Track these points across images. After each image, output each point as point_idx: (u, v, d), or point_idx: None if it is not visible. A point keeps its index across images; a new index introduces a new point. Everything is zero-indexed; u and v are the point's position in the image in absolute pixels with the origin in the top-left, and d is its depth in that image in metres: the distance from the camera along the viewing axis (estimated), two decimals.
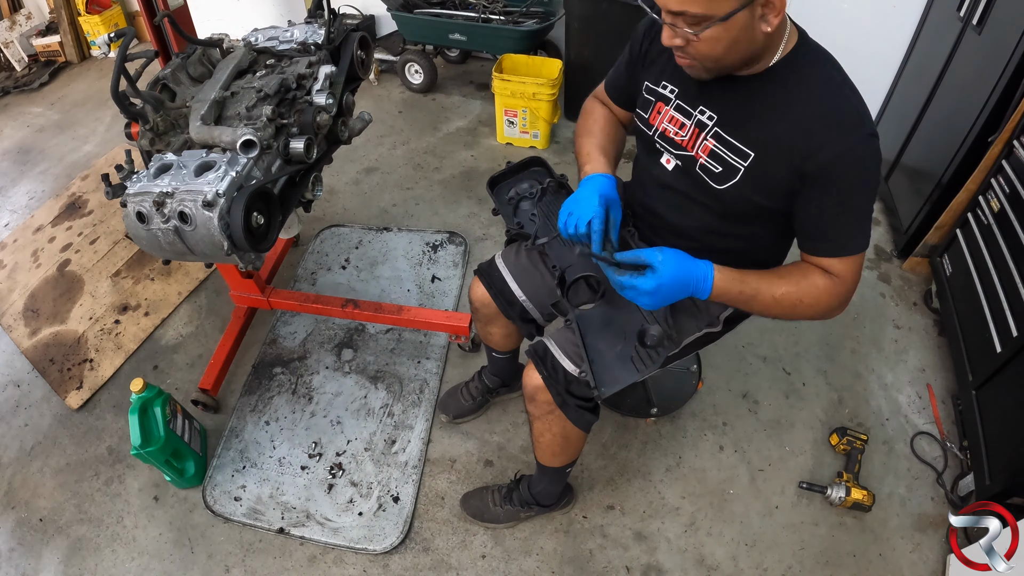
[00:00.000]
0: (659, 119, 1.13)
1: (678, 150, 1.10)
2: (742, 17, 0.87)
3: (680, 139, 1.09)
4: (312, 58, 1.49)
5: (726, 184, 1.03)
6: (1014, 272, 1.58)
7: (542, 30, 2.85)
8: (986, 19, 1.86)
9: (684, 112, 1.08)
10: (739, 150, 1.00)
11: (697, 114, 1.06)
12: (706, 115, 1.05)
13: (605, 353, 1.13)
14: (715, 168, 1.04)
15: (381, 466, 1.73)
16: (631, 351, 1.14)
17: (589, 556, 1.56)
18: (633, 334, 1.16)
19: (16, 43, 3.73)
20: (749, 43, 0.91)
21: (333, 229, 2.48)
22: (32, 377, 2.03)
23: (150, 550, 1.60)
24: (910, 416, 1.83)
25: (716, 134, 1.03)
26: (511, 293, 1.37)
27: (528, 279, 1.36)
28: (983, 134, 1.83)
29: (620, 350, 1.14)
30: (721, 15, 0.86)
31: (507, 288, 1.38)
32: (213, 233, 1.15)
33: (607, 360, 1.12)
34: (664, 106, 1.12)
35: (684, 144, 1.08)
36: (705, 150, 1.05)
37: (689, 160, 1.08)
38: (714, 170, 1.04)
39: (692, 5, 0.86)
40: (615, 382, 1.10)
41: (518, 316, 1.38)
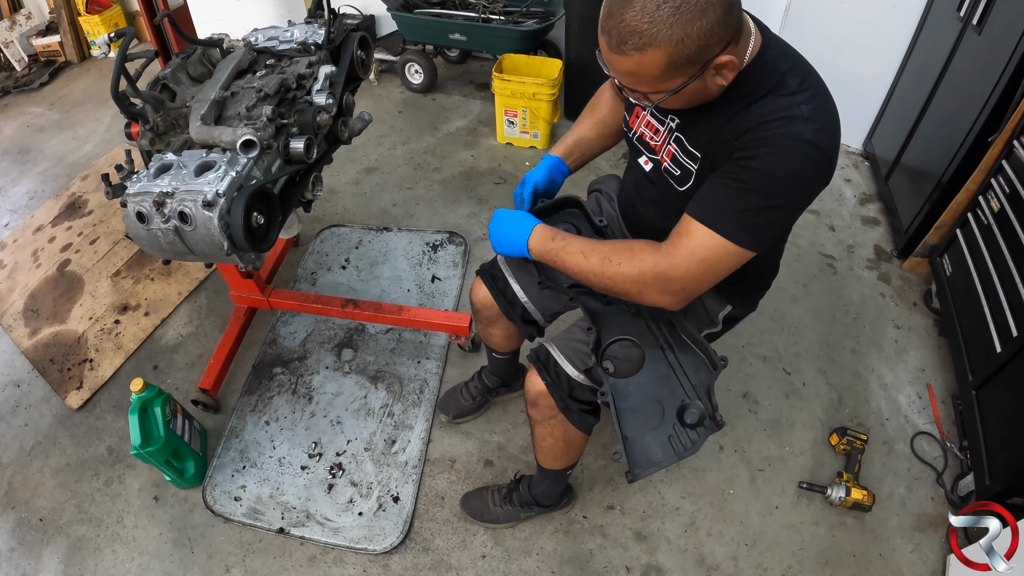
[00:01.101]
0: (638, 123, 1.15)
1: (651, 153, 1.12)
2: (694, 85, 0.88)
3: (654, 143, 1.11)
4: (312, 58, 1.49)
5: (686, 186, 1.04)
6: (1014, 272, 1.58)
7: (542, 30, 2.85)
8: (986, 19, 1.86)
9: (658, 118, 1.10)
10: (691, 153, 1.01)
11: (668, 120, 1.08)
12: (675, 122, 1.06)
13: (641, 431, 1.06)
14: (675, 172, 1.06)
15: (381, 466, 1.73)
16: (670, 430, 1.06)
17: (589, 556, 1.56)
18: (673, 411, 1.08)
19: (16, 43, 3.73)
20: (705, 95, 0.92)
21: (333, 229, 2.48)
22: (32, 377, 2.03)
23: (150, 550, 1.60)
24: (910, 416, 1.83)
25: (677, 139, 1.05)
26: (513, 294, 1.37)
27: (530, 280, 1.36)
28: (983, 134, 1.83)
29: (659, 428, 1.06)
30: (671, 90, 0.88)
31: (509, 289, 1.38)
32: (213, 233, 1.15)
33: (644, 439, 1.05)
34: (643, 110, 1.14)
35: (655, 148, 1.10)
36: (668, 154, 1.07)
37: (657, 163, 1.10)
38: (675, 173, 1.06)
39: (641, 87, 0.89)
40: (651, 464, 1.03)
41: (520, 318, 1.38)
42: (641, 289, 0.97)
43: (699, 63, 0.84)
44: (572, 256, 1.03)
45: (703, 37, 0.81)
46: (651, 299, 0.98)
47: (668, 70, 0.84)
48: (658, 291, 0.96)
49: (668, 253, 0.94)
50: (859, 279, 2.24)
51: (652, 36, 0.80)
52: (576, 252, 1.02)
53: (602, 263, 0.99)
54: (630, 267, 0.97)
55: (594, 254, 1.01)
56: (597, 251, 1.01)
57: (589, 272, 1.01)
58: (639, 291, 0.98)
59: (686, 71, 0.85)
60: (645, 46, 0.81)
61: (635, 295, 0.99)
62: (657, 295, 0.97)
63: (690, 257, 0.93)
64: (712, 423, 1.06)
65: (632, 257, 0.97)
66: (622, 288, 0.99)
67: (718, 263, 0.93)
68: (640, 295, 0.98)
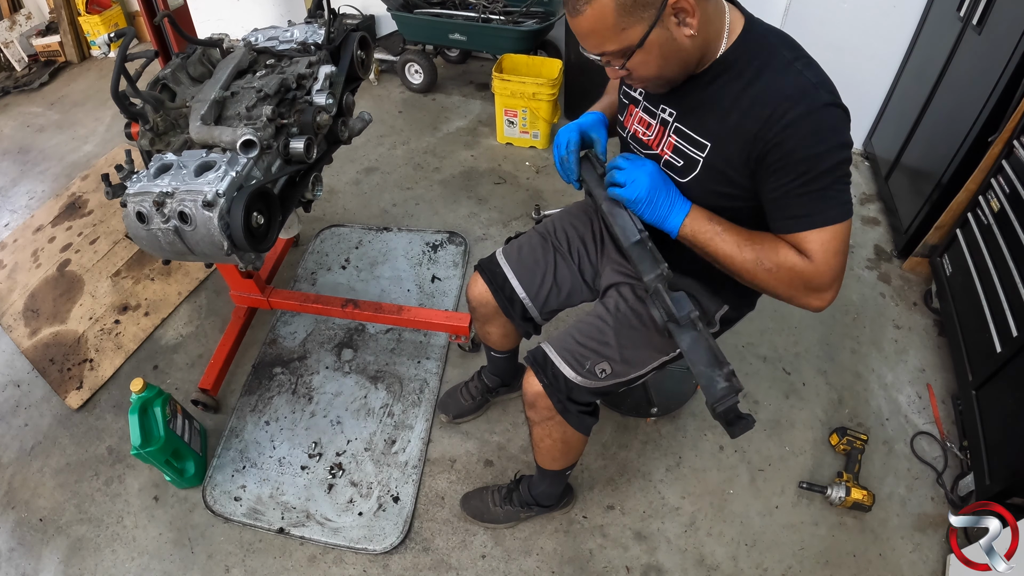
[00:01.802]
0: (631, 121, 1.15)
1: (646, 150, 1.12)
2: (657, 35, 0.88)
3: (647, 139, 1.11)
4: (312, 58, 1.49)
5: (689, 177, 1.04)
6: (1014, 272, 1.58)
7: (542, 30, 2.85)
8: (986, 19, 1.86)
9: (650, 112, 1.11)
10: (697, 142, 1.02)
11: (660, 112, 1.08)
12: (667, 112, 1.07)
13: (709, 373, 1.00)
14: (677, 162, 1.06)
15: (381, 466, 1.73)
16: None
17: (589, 556, 1.56)
18: None
19: (16, 43, 3.73)
20: (679, 52, 0.92)
21: (333, 229, 2.48)
22: (32, 377, 2.03)
23: (150, 550, 1.60)
24: (910, 416, 1.83)
25: (677, 129, 1.05)
26: (512, 291, 1.37)
27: (529, 277, 1.36)
28: (983, 134, 1.83)
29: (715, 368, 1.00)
30: (636, 43, 0.89)
31: (508, 285, 1.37)
32: (213, 233, 1.15)
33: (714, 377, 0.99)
34: (635, 108, 1.15)
35: (650, 143, 1.10)
36: (669, 146, 1.07)
37: (655, 159, 1.10)
38: (677, 164, 1.06)
39: (606, 45, 0.91)
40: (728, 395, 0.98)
41: (519, 315, 1.38)
42: (793, 295, 0.99)
43: (652, 4, 0.85)
44: (727, 244, 1.00)
45: None
46: (804, 302, 0.99)
47: (621, 16, 0.86)
48: (810, 295, 0.98)
49: (807, 275, 0.95)
50: (859, 279, 2.24)
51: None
52: (732, 242, 0.99)
53: (756, 263, 0.98)
54: (780, 273, 0.97)
55: (748, 249, 0.98)
56: (751, 246, 0.98)
57: (740, 266, 1.00)
58: (790, 296, 0.99)
59: (640, 16, 0.86)
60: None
61: (786, 298, 1.01)
62: (810, 299, 0.98)
63: (826, 257, 0.94)
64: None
65: (780, 262, 0.96)
66: (773, 291, 1.00)
67: (845, 244, 0.95)
68: (792, 299, 1.00)
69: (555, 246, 1.37)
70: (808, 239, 0.94)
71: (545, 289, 1.36)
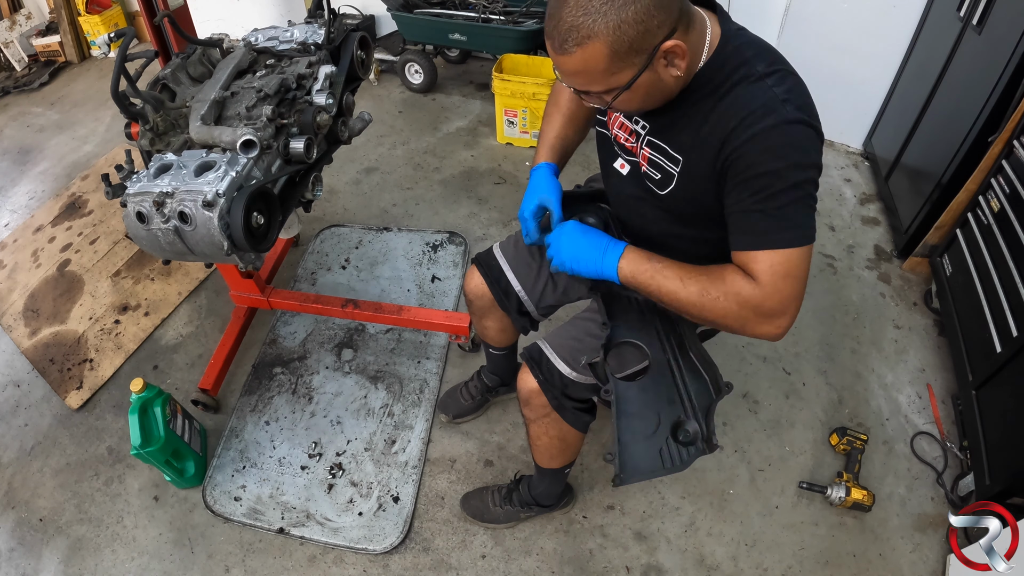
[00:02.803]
0: (613, 124, 1.12)
1: (628, 155, 1.10)
2: (646, 78, 0.86)
3: (630, 145, 1.09)
4: (312, 58, 1.49)
5: (667, 190, 1.03)
6: (1014, 272, 1.57)
7: (542, 30, 2.84)
8: (986, 19, 1.86)
9: (630, 119, 1.08)
10: (671, 156, 1.00)
11: (634, 124, 1.06)
12: (639, 124, 1.05)
13: (634, 437, 1.05)
14: (655, 175, 1.04)
15: (381, 466, 1.73)
16: (662, 443, 1.05)
17: (589, 556, 1.56)
18: (668, 425, 1.06)
19: (16, 43, 3.73)
20: (663, 90, 0.91)
21: (333, 229, 2.48)
22: (32, 377, 2.03)
23: (150, 550, 1.60)
24: (910, 416, 1.83)
25: (650, 142, 1.03)
26: (508, 284, 1.37)
27: (526, 271, 1.36)
28: (983, 134, 1.83)
29: (651, 438, 1.05)
30: (623, 85, 0.87)
31: (504, 278, 1.37)
32: (213, 233, 1.15)
33: (637, 446, 1.05)
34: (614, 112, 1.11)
35: (633, 150, 1.08)
36: (644, 158, 1.05)
37: (636, 165, 1.08)
38: (654, 177, 1.04)
39: (592, 86, 0.89)
40: (637, 472, 1.03)
41: (514, 309, 1.38)
42: (743, 324, 0.93)
43: (644, 51, 0.83)
44: (669, 281, 0.96)
45: (640, 22, 0.80)
46: (757, 331, 0.93)
47: (613, 62, 0.83)
48: (761, 322, 0.92)
49: (754, 299, 0.90)
50: (859, 279, 2.24)
51: (589, 28, 0.80)
52: (674, 277, 0.96)
53: (701, 294, 0.94)
54: (727, 302, 0.92)
55: (692, 282, 0.95)
56: (694, 278, 0.95)
57: (687, 302, 0.95)
58: (741, 325, 0.94)
59: (632, 62, 0.84)
60: (584, 39, 0.81)
61: (738, 329, 0.95)
62: (761, 327, 0.93)
63: (773, 280, 0.89)
64: (705, 445, 1.04)
65: (727, 290, 0.92)
66: (723, 323, 0.95)
67: (799, 270, 0.90)
68: (743, 328, 0.94)
69: None
70: (757, 259, 0.89)
71: (541, 283, 1.35)
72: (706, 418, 1.06)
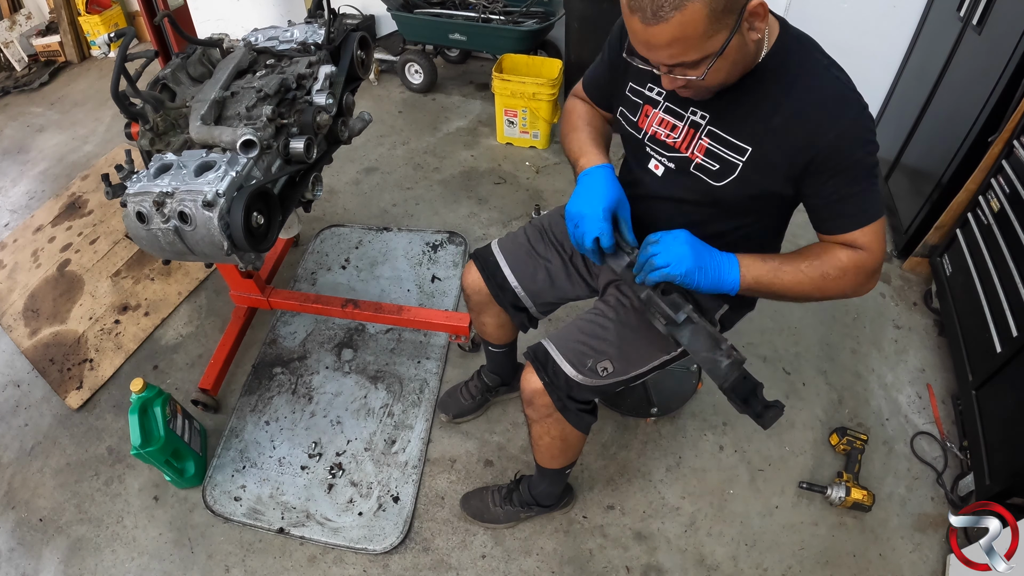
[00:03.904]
0: (648, 122, 1.11)
1: (670, 152, 1.08)
2: (735, 41, 0.86)
3: (672, 141, 1.07)
4: (312, 58, 1.49)
5: (725, 180, 1.03)
6: (1014, 272, 1.58)
7: (542, 30, 2.85)
8: (986, 19, 1.86)
9: (675, 114, 1.07)
10: (736, 146, 1.00)
11: (689, 115, 1.05)
12: (698, 115, 1.04)
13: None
14: (712, 166, 1.03)
15: (381, 466, 1.73)
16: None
17: (589, 556, 1.56)
18: None
19: (16, 43, 3.73)
20: (745, 56, 0.91)
21: (333, 229, 2.48)
22: (32, 377, 2.03)
23: (150, 550, 1.60)
24: (910, 416, 1.83)
25: (711, 132, 1.02)
26: (503, 278, 1.36)
27: (523, 267, 1.36)
28: (983, 134, 1.83)
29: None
30: (718, 50, 0.85)
31: (500, 273, 1.37)
32: (213, 233, 1.15)
33: None
34: (652, 108, 1.10)
35: (677, 146, 1.07)
36: (701, 149, 1.04)
37: (683, 161, 1.07)
38: (711, 168, 1.03)
39: (688, 54, 0.86)
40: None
41: (509, 303, 1.38)
42: (858, 289, 1.03)
43: (735, 10, 0.83)
44: (789, 275, 1.01)
45: None
46: (864, 291, 1.04)
47: (711, 23, 0.82)
48: (869, 281, 1.02)
49: (866, 265, 0.99)
50: None
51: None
52: (792, 270, 1.01)
53: (823, 278, 1.00)
54: (848, 277, 1.00)
55: (808, 268, 1.00)
56: (809, 264, 1.00)
57: (810, 288, 1.01)
58: (856, 291, 1.03)
59: (725, 22, 0.83)
60: (683, 1, 0.79)
61: (852, 295, 1.04)
62: (869, 284, 1.03)
63: (879, 245, 0.99)
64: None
65: (845, 269, 0.99)
66: (840, 295, 1.03)
67: (885, 235, 1.01)
68: (856, 293, 1.04)
69: (551, 240, 1.37)
70: (861, 233, 0.98)
71: (538, 280, 1.35)
72: None
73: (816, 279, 1.00)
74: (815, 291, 1.02)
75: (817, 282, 1.00)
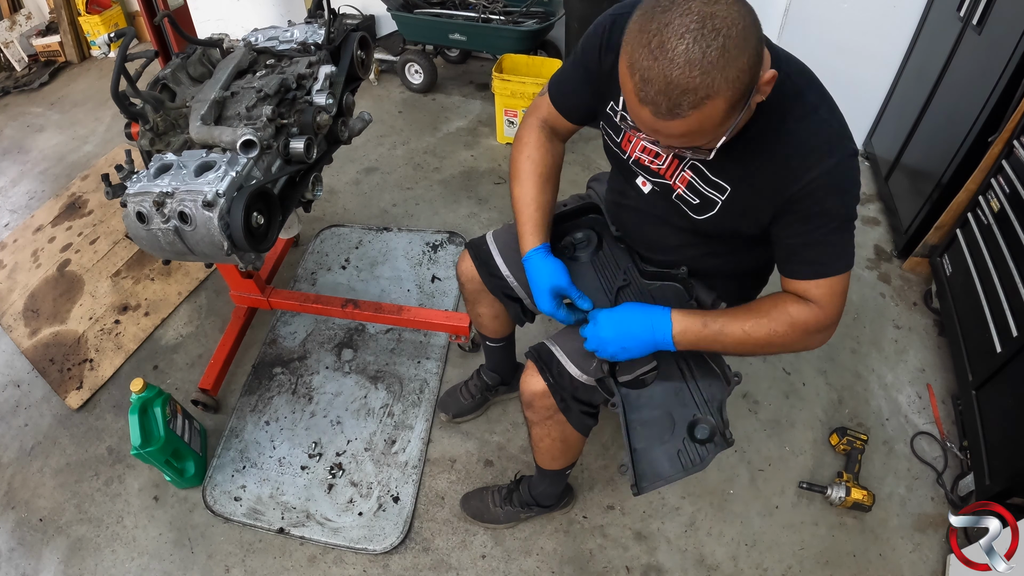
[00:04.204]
0: (632, 147, 1.08)
1: (654, 177, 1.07)
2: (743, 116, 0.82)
3: (656, 167, 1.06)
4: (312, 58, 1.49)
5: (704, 215, 1.02)
6: (1014, 272, 1.57)
7: (542, 30, 2.85)
8: (986, 19, 1.86)
9: None
10: (717, 184, 0.98)
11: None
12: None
13: (650, 443, 1.05)
14: (692, 200, 1.02)
15: (381, 466, 1.73)
16: (679, 444, 1.05)
17: (589, 556, 1.56)
18: (684, 425, 1.06)
19: (16, 43, 3.73)
20: (744, 119, 0.85)
21: (333, 229, 2.48)
22: (32, 377, 2.03)
23: (150, 550, 1.60)
24: (910, 416, 1.83)
25: (694, 167, 1.00)
26: (495, 267, 1.35)
27: (515, 256, 1.34)
28: (983, 134, 1.83)
29: (668, 441, 1.05)
30: (728, 130, 0.81)
31: (492, 261, 1.36)
32: (213, 233, 1.15)
33: (653, 451, 1.04)
34: (635, 134, 1.05)
35: (661, 172, 1.05)
36: (683, 181, 1.02)
37: (666, 187, 1.05)
38: (692, 201, 1.02)
39: (698, 141, 0.82)
40: (657, 478, 1.02)
41: (502, 292, 1.36)
42: (804, 345, 1.00)
43: (750, 92, 0.78)
44: (733, 336, 0.98)
45: (753, 66, 0.75)
46: (811, 346, 1.01)
47: (729, 114, 0.78)
48: (815, 338, 0.99)
49: (817, 321, 0.96)
50: (859, 279, 2.24)
51: (709, 87, 0.72)
52: (738, 331, 0.98)
53: (770, 335, 0.97)
54: (793, 333, 0.97)
55: (757, 328, 0.97)
56: (754, 322, 0.98)
57: (754, 348, 1.00)
58: (803, 346, 1.01)
59: (741, 106, 0.78)
60: (703, 100, 0.73)
61: (797, 350, 1.02)
62: (815, 340, 1.00)
63: (832, 301, 0.96)
64: (722, 440, 1.05)
65: (792, 323, 0.96)
66: (785, 351, 1.01)
67: (847, 286, 0.98)
68: (802, 347, 1.01)
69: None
70: (817, 285, 0.95)
71: None
72: (720, 412, 1.06)
73: (761, 340, 0.98)
74: (759, 350, 1.01)
75: (762, 342, 0.98)
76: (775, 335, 0.97)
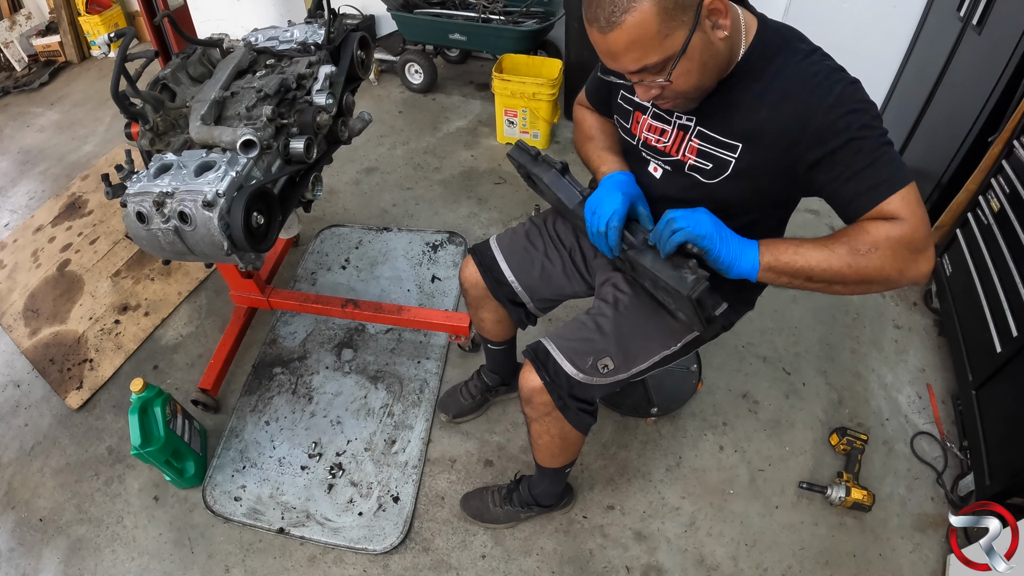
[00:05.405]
0: (639, 128, 1.12)
1: (663, 156, 1.09)
2: (698, 40, 0.86)
3: (663, 146, 1.08)
4: (312, 58, 1.49)
5: (718, 178, 1.03)
6: (1014, 272, 1.57)
7: (542, 30, 2.85)
8: (986, 19, 1.86)
9: (662, 119, 1.08)
10: (726, 144, 1.00)
11: (675, 119, 1.05)
12: (684, 118, 1.04)
13: None
14: (705, 166, 1.04)
15: (381, 466, 1.73)
16: None
17: (589, 556, 1.56)
18: None
19: (16, 43, 3.73)
20: (715, 57, 0.91)
21: (333, 229, 2.48)
22: (32, 377, 2.03)
23: (150, 550, 1.60)
24: (910, 416, 1.83)
25: (700, 133, 1.03)
26: (500, 272, 1.37)
27: (520, 262, 1.36)
28: (983, 134, 1.83)
29: None
30: (679, 49, 0.86)
31: (497, 267, 1.37)
32: (213, 233, 1.15)
33: None
34: (642, 115, 1.11)
35: (668, 150, 1.08)
36: (692, 151, 1.04)
37: (677, 164, 1.08)
38: (704, 167, 1.04)
39: (648, 57, 0.87)
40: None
41: (506, 298, 1.38)
42: (902, 268, 0.90)
43: (690, 7, 0.84)
44: (815, 252, 0.91)
45: None
46: (913, 272, 0.91)
47: (664, 22, 0.83)
48: (916, 260, 0.90)
49: (911, 236, 0.88)
50: None
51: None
52: (818, 247, 0.91)
53: (853, 253, 0.89)
54: (882, 250, 0.88)
55: (837, 244, 0.90)
56: (836, 242, 0.91)
57: (840, 266, 0.90)
58: (900, 271, 0.90)
59: (681, 20, 0.84)
60: (631, 4, 0.82)
61: (895, 276, 0.91)
62: (916, 265, 0.91)
63: (917, 210, 0.89)
64: None
65: (876, 238, 0.89)
66: (880, 275, 0.90)
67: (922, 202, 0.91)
68: (902, 274, 0.91)
69: (549, 237, 1.38)
70: (891, 203, 0.88)
71: (535, 275, 1.36)
72: None
73: (844, 256, 0.89)
74: (847, 270, 0.90)
75: (848, 259, 0.89)
76: (859, 253, 0.89)
